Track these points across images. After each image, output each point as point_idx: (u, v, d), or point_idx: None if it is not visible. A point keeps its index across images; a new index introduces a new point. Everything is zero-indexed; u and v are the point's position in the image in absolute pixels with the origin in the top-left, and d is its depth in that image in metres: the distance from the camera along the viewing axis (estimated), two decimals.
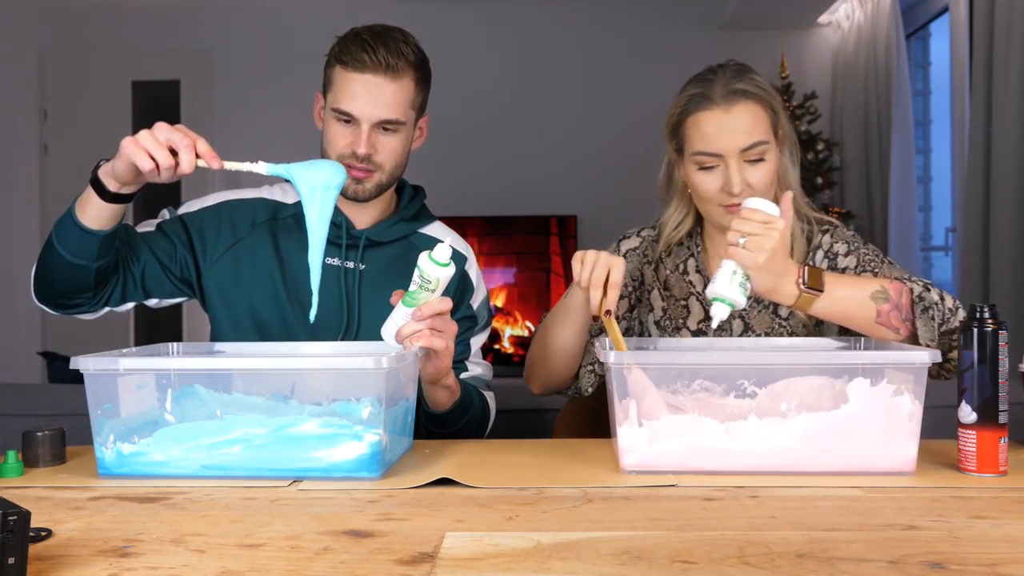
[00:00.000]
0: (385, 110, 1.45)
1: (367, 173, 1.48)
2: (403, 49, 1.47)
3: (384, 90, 1.45)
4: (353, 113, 1.45)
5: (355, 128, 1.46)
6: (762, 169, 1.42)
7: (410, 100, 1.49)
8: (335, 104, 1.46)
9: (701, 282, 1.56)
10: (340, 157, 1.47)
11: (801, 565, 0.79)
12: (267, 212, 1.56)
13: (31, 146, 4.73)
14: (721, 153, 1.41)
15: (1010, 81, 2.80)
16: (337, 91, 1.46)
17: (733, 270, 1.26)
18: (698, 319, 1.55)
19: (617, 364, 1.13)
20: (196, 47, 4.79)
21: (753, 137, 1.41)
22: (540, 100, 4.83)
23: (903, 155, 3.88)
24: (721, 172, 1.42)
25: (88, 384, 1.12)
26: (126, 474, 1.12)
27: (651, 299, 1.58)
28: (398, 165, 1.52)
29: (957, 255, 3.44)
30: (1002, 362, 1.11)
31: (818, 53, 4.76)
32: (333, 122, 1.47)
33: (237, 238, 1.54)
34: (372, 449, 1.10)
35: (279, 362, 1.12)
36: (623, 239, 1.64)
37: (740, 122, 1.41)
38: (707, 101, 1.42)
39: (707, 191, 1.44)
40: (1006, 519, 0.93)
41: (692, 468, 1.12)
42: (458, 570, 0.78)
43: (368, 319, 1.50)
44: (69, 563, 0.81)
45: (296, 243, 1.52)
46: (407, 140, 1.52)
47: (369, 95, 1.44)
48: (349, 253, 1.53)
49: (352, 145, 1.46)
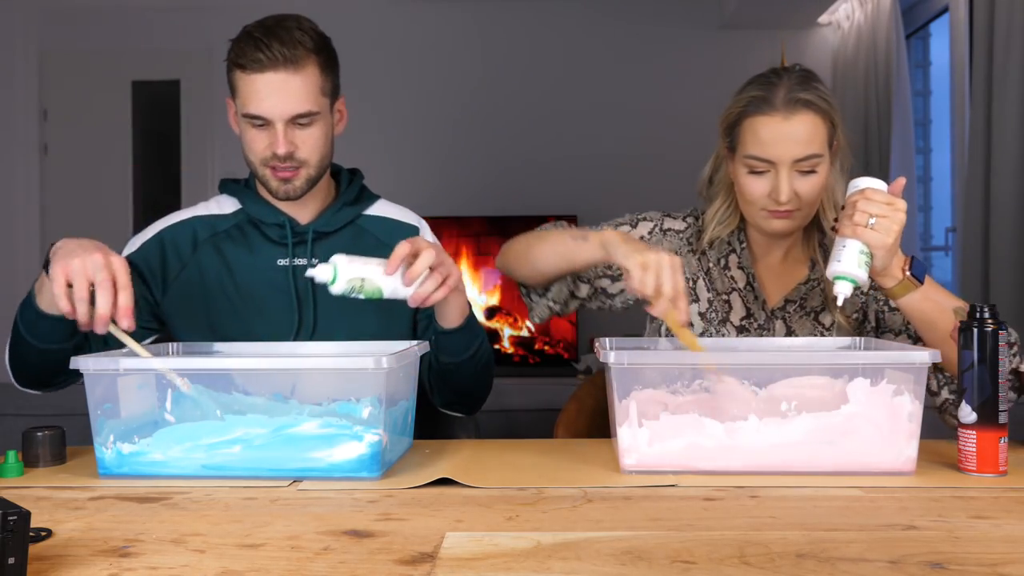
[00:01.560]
0: (295, 104, 1.40)
1: (293, 171, 1.44)
2: (299, 37, 1.40)
3: (289, 85, 1.39)
4: (263, 115, 1.40)
5: (270, 129, 1.42)
6: (812, 181, 1.41)
7: (319, 87, 1.43)
8: (244, 109, 1.42)
9: (743, 278, 1.54)
10: (263, 161, 1.44)
11: (801, 565, 0.79)
12: (206, 229, 1.53)
13: (31, 146, 4.73)
14: (774, 160, 1.40)
15: (1010, 81, 2.80)
16: (243, 96, 1.42)
17: (860, 249, 1.26)
18: (740, 315, 1.53)
19: (616, 364, 1.12)
20: (196, 47, 4.78)
21: (808, 149, 1.39)
22: (540, 100, 4.83)
23: (903, 155, 3.88)
24: (770, 178, 1.41)
25: (88, 384, 1.12)
26: (126, 474, 1.12)
27: (696, 289, 1.55)
28: (324, 156, 1.47)
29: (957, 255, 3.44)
30: (1002, 362, 1.11)
31: (818, 53, 4.75)
32: (248, 128, 1.43)
33: (183, 263, 1.51)
34: (372, 449, 1.10)
35: (279, 362, 1.13)
36: (667, 216, 1.59)
37: (798, 132, 1.39)
38: (767, 106, 1.40)
39: (754, 195, 1.44)
40: (1006, 519, 0.93)
41: (692, 468, 1.12)
42: (458, 570, 0.78)
43: (326, 314, 1.48)
44: (69, 563, 0.81)
45: (243, 251, 1.51)
46: (327, 128, 1.47)
47: (275, 94, 1.39)
48: (297, 250, 1.50)
49: (271, 147, 1.42)
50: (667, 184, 3.59)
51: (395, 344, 1.33)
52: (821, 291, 1.53)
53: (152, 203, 4.97)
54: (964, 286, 3.12)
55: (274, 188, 1.46)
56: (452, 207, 4.73)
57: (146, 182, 4.96)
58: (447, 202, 4.73)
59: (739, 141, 1.45)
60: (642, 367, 1.14)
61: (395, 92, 4.77)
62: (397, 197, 1.64)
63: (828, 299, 1.51)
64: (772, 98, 1.41)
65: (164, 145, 4.90)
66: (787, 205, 1.42)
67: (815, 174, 1.42)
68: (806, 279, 1.54)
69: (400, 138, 4.79)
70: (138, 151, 4.87)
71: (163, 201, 4.86)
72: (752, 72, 1.52)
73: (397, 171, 4.69)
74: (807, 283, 1.54)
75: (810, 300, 1.54)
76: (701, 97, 4.74)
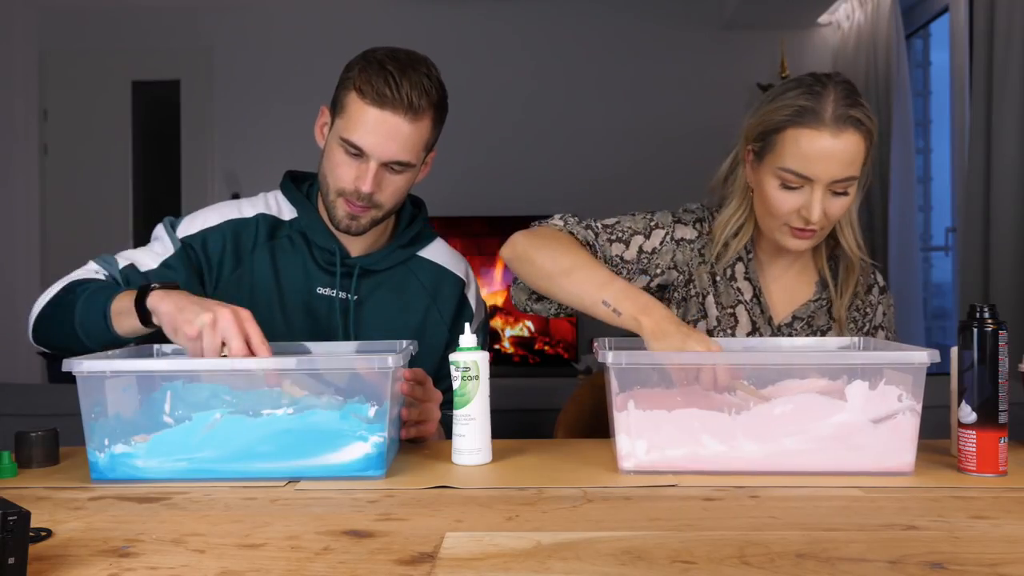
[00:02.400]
0: (399, 151, 1.37)
1: (364, 210, 1.40)
2: (427, 86, 1.36)
3: (401, 130, 1.35)
4: (364, 149, 1.36)
5: (362, 163, 1.37)
6: (843, 202, 1.37)
7: (425, 141, 1.40)
8: (346, 134, 1.36)
9: (750, 291, 1.48)
10: (341, 191, 1.40)
11: (801, 565, 0.79)
12: (269, 231, 1.48)
13: (31, 146, 4.73)
14: (812, 178, 1.33)
15: (1010, 81, 2.79)
16: (350, 120, 1.36)
17: None
18: (746, 330, 1.48)
19: (615, 364, 1.12)
20: (196, 47, 4.78)
21: (849, 171, 1.34)
22: (540, 100, 4.83)
23: (903, 155, 3.87)
24: (803, 195, 1.35)
25: (81, 388, 1.10)
26: (119, 478, 1.11)
27: (706, 306, 1.48)
28: (399, 202, 1.45)
29: (957, 255, 3.44)
30: (1002, 362, 1.11)
31: (818, 53, 4.75)
32: (339, 151, 1.38)
33: (241, 262, 1.47)
34: (377, 449, 1.10)
35: (281, 362, 1.12)
36: (678, 223, 1.49)
37: (845, 153, 1.32)
38: (816, 120, 1.32)
39: (780, 210, 1.37)
40: (1006, 519, 0.93)
41: (692, 468, 1.12)
42: (458, 570, 0.78)
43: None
44: (69, 563, 0.81)
45: (295, 266, 1.47)
46: (413, 177, 1.45)
47: (385, 134, 1.35)
48: (343, 282, 1.47)
49: (357, 181, 1.38)
50: (667, 183, 3.59)
51: (393, 343, 1.33)
52: (828, 311, 1.51)
53: (152, 203, 4.97)
54: (964, 286, 3.12)
55: (339, 219, 1.42)
56: (452, 207, 4.72)
57: (146, 182, 4.96)
58: (447, 202, 4.72)
59: (775, 151, 1.36)
60: (641, 367, 1.14)
61: None
62: None
63: (836, 321, 1.49)
64: (821, 112, 1.32)
65: (164, 145, 4.90)
66: (814, 225, 1.36)
67: (846, 195, 1.37)
68: (816, 296, 1.51)
69: None
70: (138, 151, 4.87)
71: (163, 201, 4.86)
72: (752, 72, 1.51)
73: None
74: (816, 301, 1.51)
75: (817, 319, 1.51)
76: (701, 97, 4.75)
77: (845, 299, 1.49)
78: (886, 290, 1.58)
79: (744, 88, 4.68)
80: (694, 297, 1.49)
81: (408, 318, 1.50)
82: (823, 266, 1.51)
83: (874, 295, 1.54)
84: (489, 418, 1.19)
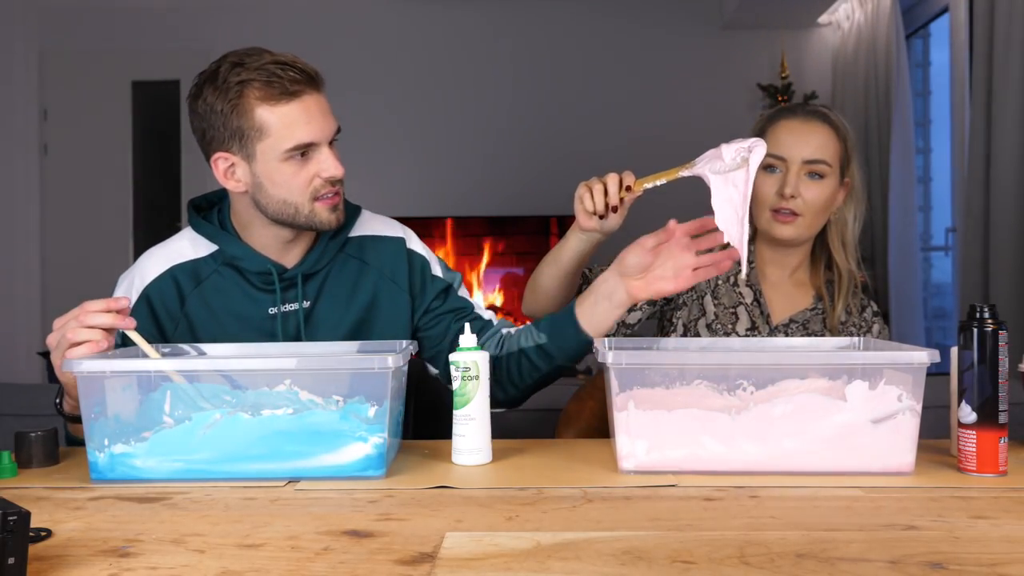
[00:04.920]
0: (334, 122, 1.36)
1: (338, 193, 1.38)
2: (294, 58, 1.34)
3: (322, 103, 1.35)
4: (314, 139, 1.32)
5: (317, 155, 1.34)
6: (819, 187, 1.53)
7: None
8: (287, 143, 1.31)
9: (750, 295, 1.60)
10: (315, 194, 1.35)
11: (801, 565, 0.79)
12: (189, 279, 1.41)
13: (31, 146, 4.73)
14: (785, 157, 1.52)
15: (1010, 81, 2.80)
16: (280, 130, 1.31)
17: None
18: (745, 327, 1.59)
19: (615, 364, 1.12)
20: (196, 47, 4.78)
21: (819, 153, 1.53)
22: (540, 100, 4.83)
23: (903, 155, 3.88)
24: (780, 177, 1.53)
25: (81, 388, 1.10)
26: (119, 478, 1.11)
27: (704, 303, 1.60)
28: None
29: (957, 255, 3.44)
30: (1002, 362, 1.11)
31: (818, 53, 4.75)
32: (287, 166, 1.33)
33: (175, 321, 1.41)
34: (378, 449, 1.10)
35: (281, 362, 1.12)
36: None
37: (812, 136, 1.53)
38: (789, 113, 1.57)
39: (763, 193, 1.53)
40: (1006, 519, 0.93)
41: (692, 468, 1.12)
42: (458, 570, 0.78)
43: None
44: (69, 563, 0.81)
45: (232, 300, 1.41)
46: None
47: (317, 113, 1.33)
48: (287, 295, 1.42)
49: (325, 173, 1.34)
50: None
51: (391, 343, 1.33)
52: (823, 320, 1.60)
53: (152, 203, 4.97)
54: (964, 286, 3.12)
55: (324, 220, 1.37)
56: (452, 207, 4.73)
57: (146, 182, 4.96)
58: (447, 202, 4.73)
59: None
60: (641, 367, 1.14)
61: (395, 93, 4.77)
62: (397, 197, 1.65)
63: (830, 331, 1.58)
64: (795, 109, 1.59)
65: (164, 145, 4.90)
66: (792, 204, 1.51)
67: (823, 181, 1.53)
68: (812, 307, 1.62)
69: (400, 138, 4.78)
70: (138, 151, 4.87)
71: (163, 201, 4.86)
72: (752, 72, 1.55)
73: (397, 172, 4.69)
74: (812, 310, 1.62)
75: (812, 324, 1.60)
76: (701, 97, 4.75)
77: (839, 308, 1.59)
78: (879, 315, 1.67)
79: (744, 88, 4.68)
80: (695, 301, 1.61)
81: (359, 298, 1.45)
82: (820, 284, 1.62)
83: (868, 314, 1.64)
84: (489, 418, 1.19)
